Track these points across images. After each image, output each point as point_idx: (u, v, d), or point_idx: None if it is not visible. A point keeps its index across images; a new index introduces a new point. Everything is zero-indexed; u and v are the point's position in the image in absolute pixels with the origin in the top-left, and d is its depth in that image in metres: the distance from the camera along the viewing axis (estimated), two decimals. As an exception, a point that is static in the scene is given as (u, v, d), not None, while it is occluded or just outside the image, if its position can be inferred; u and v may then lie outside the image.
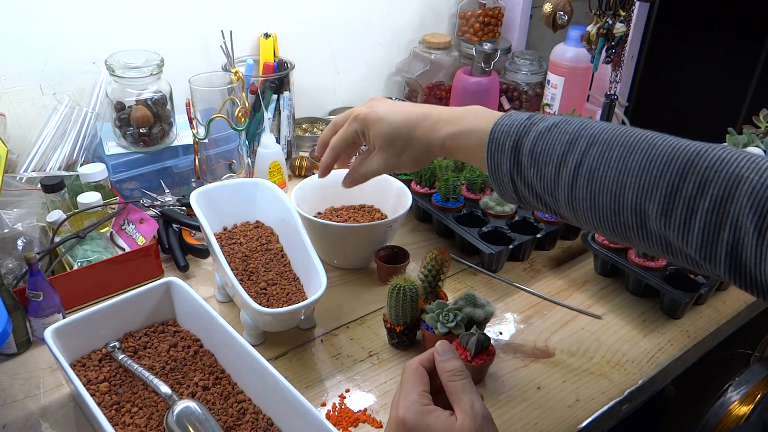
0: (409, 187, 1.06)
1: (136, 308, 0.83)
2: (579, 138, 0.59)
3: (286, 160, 1.25)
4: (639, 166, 0.55)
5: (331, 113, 1.53)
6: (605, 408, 0.79)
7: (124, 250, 0.97)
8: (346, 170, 0.81)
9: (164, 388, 0.73)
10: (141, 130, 1.08)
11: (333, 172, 0.82)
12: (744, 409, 0.99)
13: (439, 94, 1.58)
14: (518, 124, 0.63)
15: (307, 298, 0.86)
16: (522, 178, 0.63)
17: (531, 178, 0.62)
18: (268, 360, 0.71)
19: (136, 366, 0.77)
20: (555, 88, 1.46)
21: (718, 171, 0.50)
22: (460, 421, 0.54)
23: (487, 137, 0.64)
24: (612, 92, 1.38)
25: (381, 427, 0.75)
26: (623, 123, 1.53)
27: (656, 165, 0.54)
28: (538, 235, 1.03)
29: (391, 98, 0.78)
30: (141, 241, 0.96)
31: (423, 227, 1.14)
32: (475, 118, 0.68)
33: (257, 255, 0.93)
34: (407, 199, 1.00)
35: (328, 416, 0.76)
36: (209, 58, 1.27)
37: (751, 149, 1.12)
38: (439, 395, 0.58)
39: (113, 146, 1.10)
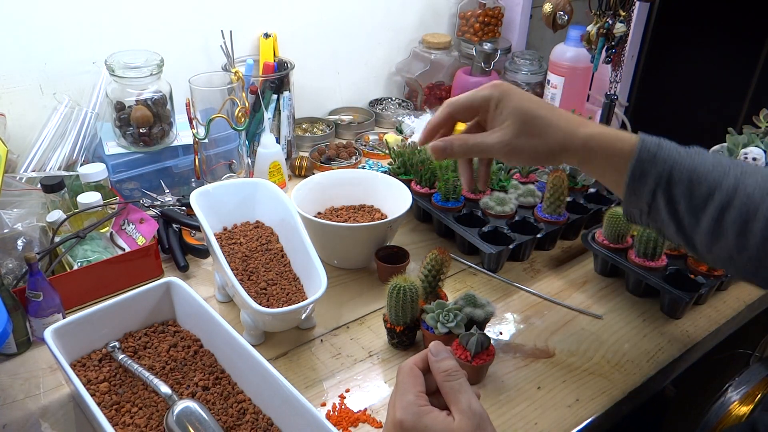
0: (409, 187, 1.06)
1: (136, 308, 0.83)
2: (731, 166, 0.63)
3: (286, 160, 1.25)
4: None
5: (331, 113, 1.53)
6: (605, 408, 0.79)
7: (124, 250, 0.97)
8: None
9: (164, 388, 0.73)
10: (141, 130, 1.08)
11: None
12: (744, 409, 0.99)
13: (439, 94, 1.58)
14: (664, 140, 0.65)
15: (307, 298, 0.86)
16: (667, 192, 0.64)
17: (678, 194, 0.63)
18: (268, 360, 0.71)
19: (136, 366, 0.77)
20: (555, 88, 1.46)
21: None
22: (457, 421, 0.54)
23: (636, 143, 0.64)
24: (612, 92, 1.38)
25: (381, 427, 0.75)
26: (623, 123, 1.53)
27: None
28: (538, 235, 1.03)
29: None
30: (141, 241, 0.96)
31: (423, 227, 1.14)
32: (610, 128, 0.68)
33: (257, 255, 0.93)
34: (407, 199, 1.00)
35: (328, 416, 0.76)
36: (209, 58, 1.27)
37: (751, 149, 1.12)
38: (434, 395, 0.57)
39: (113, 146, 1.10)
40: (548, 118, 0.68)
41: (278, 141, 1.25)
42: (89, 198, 0.98)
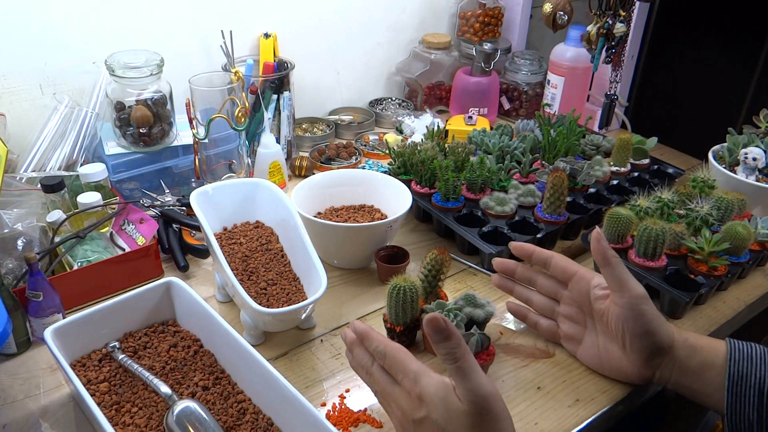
0: (409, 187, 1.06)
1: (136, 308, 0.83)
2: None
3: (286, 160, 1.25)
4: None
5: (331, 113, 1.53)
6: (605, 408, 0.78)
7: (124, 250, 0.97)
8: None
9: (164, 388, 0.73)
10: (141, 130, 1.08)
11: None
12: (744, 410, 0.99)
13: (439, 94, 1.58)
14: (757, 351, 0.64)
15: (307, 298, 0.86)
16: None
17: None
18: (268, 360, 0.71)
19: (136, 366, 0.77)
20: (555, 88, 1.46)
21: None
22: (464, 404, 0.57)
23: (726, 346, 0.65)
24: (612, 92, 1.38)
25: (381, 427, 0.75)
26: (623, 123, 1.53)
27: None
28: (538, 235, 1.03)
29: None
30: (141, 241, 0.96)
31: (423, 227, 1.14)
32: (697, 337, 0.70)
33: (257, 255, 0.93)
34: (407, 199, 1.00)
35: (328, 416, 0.76)
36: (209, 58, 1.27)
37: (751, 149, 1.12)
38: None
39: (113, 146, 1.10)
40: (654, 315, 0.71)
41: (278, 141, 1.25)
42: (89, 198, 0.98)
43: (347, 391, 0.79)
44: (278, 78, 1.27)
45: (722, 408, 0.65)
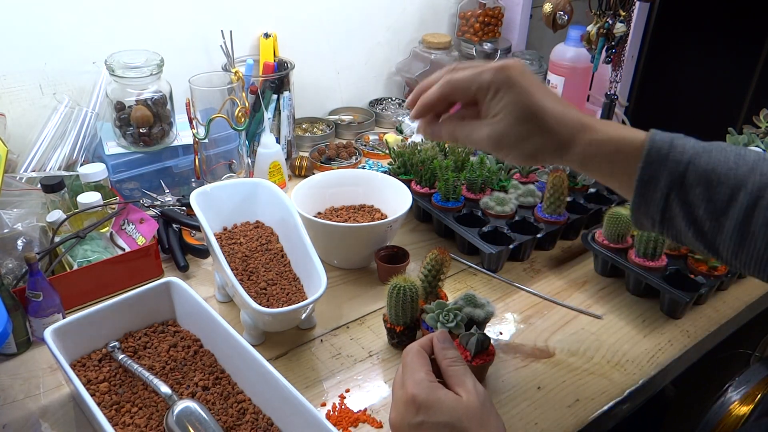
0: (409, 187, 1.06)
1: (136, 308, 0.83)
2: (757, 161, 0.56)
3: (286, 160, 1.25)
4: None
5: (331, 113, 1.53)
6: (605, 408, 0.79)
7: (124, 250, 0.97)
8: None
9: (164, 388, 0.73)
10: (141, 130, 1.08)
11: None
12: (744, 409, 0.99)
13: (439, 94, 1.57)
14: (677, 137, 0.58)
15: (307, 298, 0.86)
16: (681, 197, 0.57)
17: (695, 197, 0.57)
18: (268, 360, 0.71)
19: (136, 366, 0.77)
20: (555, 88, 1.46)
21: None
22: (465, 397, 0.58)
23: (645, 145, 0.58)
24: (612, 92, 1.38)
25: (381, 427, 0.75)
26: (623, 123, 1.53)
27: None
28: (538, 235, 1.03)
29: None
30: (141, 241, 0.96)
31: (423, 227, 1.14)
32: (618, 127, 0.62)
33: (257, 255, 0.93)
34: (407, 199, 1.00)
35: (328, 416, 0.76)
36: (209, 58, 1.27)
37: (751, 149, 1.12)
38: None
39: (113, 146, 1.10)
40: (547, 119, 0.61)
41: (278, 141, 1.25)
42: (89, 198, 0.98)
43: (347, 391, 0.79)
44: (278, 78, 1.27)
45: (628, 198, 0.61)
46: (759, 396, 0.96)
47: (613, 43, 1.28)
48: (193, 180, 1.15)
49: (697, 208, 0.57)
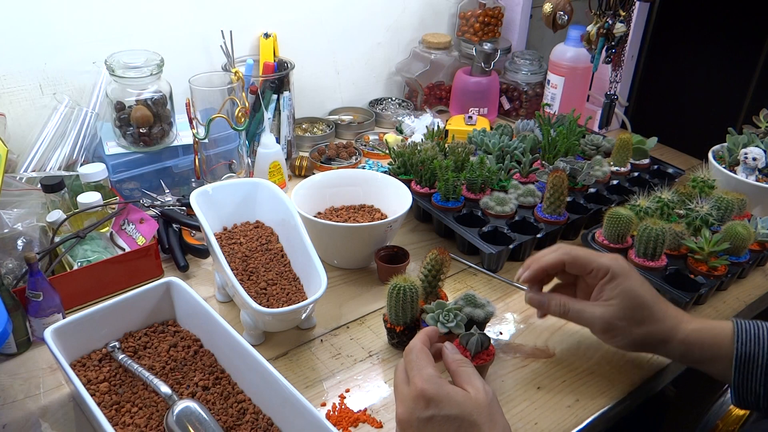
0: (409, 187, 1.06)
1: (136, 308, 0.83)
2: None
3: (286, 160, 1.25)
4: None
5: (331, 113, 1.53)
6: (605, 408, 0.78)
7: (124, 250, 0.97)
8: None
9: (164, 388, 0.73)
10: (141, 130, 1.08)
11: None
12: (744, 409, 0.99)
13: (439, 94, 1.58)
14: (757, 321, 0.66)
15: (307, 298, 0.86)
16: None
17: None
18: (268, 360, 0.71)
19: (136, 366, 0.77)
20: (555, 88, 1.46)
21: None
22: (474, 393, 0.59)
23: (734, 326, 0.66)
24: (612, 92, 1.38)
25: (381, 427, 0.75)
26: (623, 123, 1.53)
27: None
28: (538, 235, 1.03)
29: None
30: (141, 241, 0.96)
31: (423, 227, 1.14)
32: (705, 319, 0.70)
33: (257, 255, 0.93)
34: (407, 199, 1.00)
35: (328, 416, 0.76)
36: (209, 58, 1.27)
37: (751, 149, 1.12)
38: None
39: (113, 146, 1.10)
40: (656, 311, 0.69)
41: (278, 141, 1.25)
42: (89, 198, 0.98)
43: (347, 391, 0.79)
44: (278, 78, 1.27)
45: (729, 380, 0.67)
46: (759, 396, 0.96)
47: (613, 43, 1.28)
48: (193, 180, 1.15)
49: None
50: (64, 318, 0.84)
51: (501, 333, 0.90)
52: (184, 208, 1.06)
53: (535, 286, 0.79)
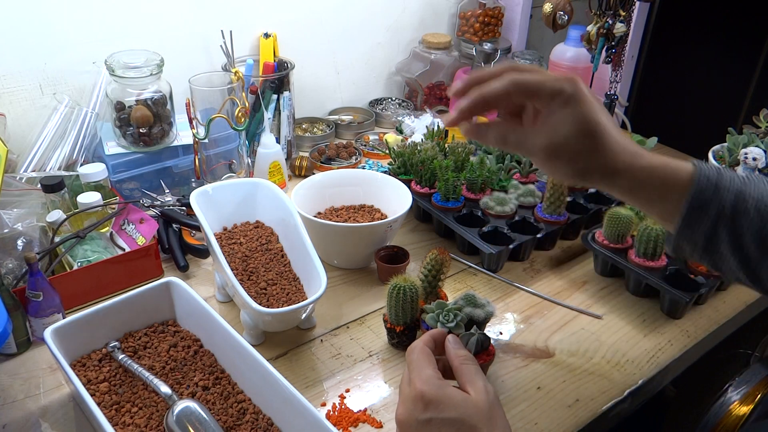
0: (409, 187, 1.06)
1: (136, 308, 0.83)
2: None
3: (286, 160, 1.25)
4: None
5: (331, 113, 1.53)
6: (605, 408, 0.79)
7: (124, 250, 0.97)
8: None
9: (164, 388, 0.73)
10: (141, 130, 1.08)
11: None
12: (744, 409, 0.99)
13: (439, 94, 1.58)
14: (724, 169, 0.60)
15: (307, 298, 0.86)
16: (730, 225, 0.59)
17: (743, 226, 0.58)
18: (268, 360, 0.71)
19: (136, 366, 0.77)
20: (555, 88, 1.45)
21: None
22: (474, 395, 0.58)
23: (695, 173, 0.59)
24: (612, 92, 1.38)
25: (381, 427, 0.75)
26: (623, 123, 1.53)
27: None
28: (538, 235, 1.03)
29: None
30: (141, 241, 0.96)
31: (423, 227, 1.14)
32: (665, 157, 0.62)
33: (257, 255, 0.93)
34: (407, 199, 1.00)
35: (328, 416, 0.76)
36: (209, 58, 1.27)
37: (751, 149, 1.12)
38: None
39: (113, 146, 1.10)
40: (607, 139, 0.60)
41: (278, 141, 1.25)
42: (89, 198, 0.98)
43: (347, 391, 0.79)
44: (278, 78, 1.27)
45: (670, 224, 0.62)
46: (759, 396, 0.96)
47: (613, 43, 1.28)
48: (193, 180, 1.15)
49: (744, 236, 0.58)
50: (64, 318, 0.84)
51: (501, 333, 0.90)
52: (184, 208, 1.06)
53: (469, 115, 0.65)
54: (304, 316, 0.85)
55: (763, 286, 0.61)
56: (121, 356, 0.78)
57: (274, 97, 1.27)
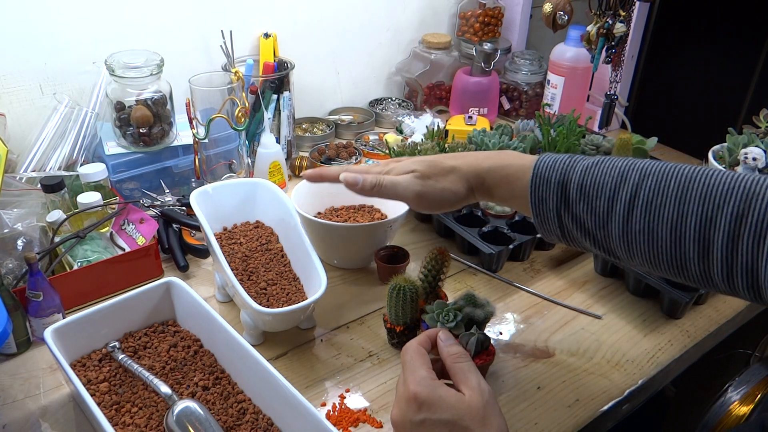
0: (409, 187, 1.06)
1: (136, 308, 0.83)
2: (630, 171, 0.60)
3: (286, 160, 1.25)
4: (700, 195, 0.55)
5: (331, 113, 1.53)
6: (605, 408, 0.79)
7: (124, 250, 0.97)
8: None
9: (164, 388, 0.73)
10: (141, 130, 1.08)
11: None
12: (744, 409, 0.99)
13: (439, 94, 1.58)
14: (562, 160, 0.64)
15: (307, 298, 0.86)
16: (570, 212, 0.63)
17: (580, 212, 0.62)
18: (268, 360, 0.71)
19: (136, 366, 0.77)
20: (555, 88, 1.46)
21: None
22: (468, 395, 0.58)
23: (530, 172, 0.64)
24: (612, 92, 1.38)
25: (381, 427, 0.75)
26: (623, 123, 1.53)
27: (718, 193, 0.54)
28: (538, 235, 1.03)
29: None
30: (141, 241, 0.96)
31: (423, 227, 1.14)
32: (515, 156, 0.68)
33: (257, 255, 0.93)
34: (407, 199, 1.00)
35: (328, 416, 0.76)
36: (209, 58, 1.27)
37: (751, 149, 1.12)
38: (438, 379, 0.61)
39: (113, 146, 1.10)
40: (452, 158, 0.70)
41: (278, 141, 1.25)
42: (89, 198, 0.98)
43: (347, 391, 0.80)
44: (278, 78, 1.27)
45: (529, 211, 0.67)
46: (759, 396, 0.96)
47: (613, 43, 1.28)
48: (193, 180, 1.15)
49: (585, 220, 0.62)
50: (64, 318, 0.84)
51: (501, 333, 0.90)
52: (184, 208, 1.06)
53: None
54: (304, 316, 0.85)
55: (624, 261, 0.64)
56: (121, 356, 0.78)
57: (274, 97, 1.27)
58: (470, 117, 1.42)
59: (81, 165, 1.08)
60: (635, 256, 0.60)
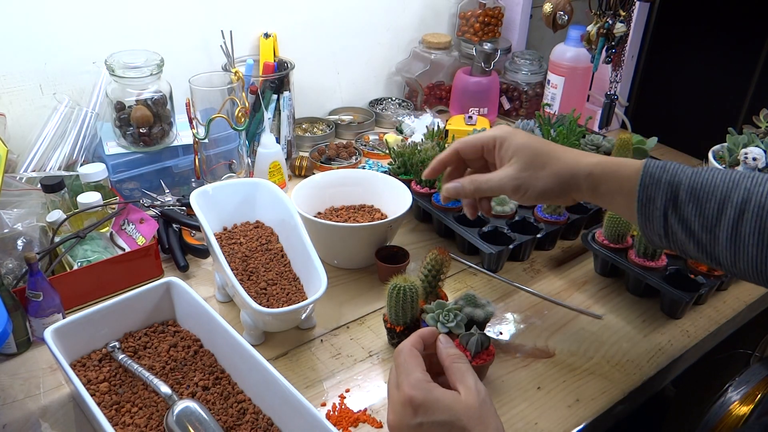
0: (409, 187, 1.06)
1: (136, 308, 0.83)
2: (742, 177, 0.62)
3: (286, 160, 1.25)
4: None
5: (331, 113, 1.53)
6: (605, 408, 0.79)
7: (124, 250, 0.97)
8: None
9: (164, 388, 0.73)
10: (141, 130, 1.08)
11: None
12: (744, 409, 0.99)
13: (439, 94, 1.58)
14: (671, 163, 0.65)
15: (307, 298, 0.86)
16: (677, 214, 0.64)
17: (688, 214, 0.63)
18: (268, 360, 0.71)
19: (136, 366, 0.77)
20: (555, 88, 1.46)
21: None
22: (464, 394, 0.58)
23: (641, 170, 0.66)
24: (612, 92, 1.38)
25: (381, 427, 0.75)
26: (623, 123, 1.53)
27: None
28: (538, 235, 1.03)
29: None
30: (141, 241, 0.96)
31: (423, 227, 1.14)
32: (617, 158, 0.69)
33: (257, 255, 0.93)
34: (407, 199, 1.00)
35: (328, 416, 0.76)
36: (209, 58, 1.27)
37: (751, 149, 1.12)
38: (433, 380, 0.61)
39: (113, 146, 1.10)
40: (552, 151, 0.71)
41: (278, 141, 1.25)
42: (89, 198, 0.98)
43: (347, 391, 0.80)
44: (278, 78, 1.27)
45: (634, 218, 0.68)
46: (759, 396, 0.96)
47: (613, 43, 1.28)
48: (193, 180, 1.15)
49: (692, 223, 0.63)
50: (64, 318, 0.84)
51: (501, 333, 0.90)
52: (184, 208, 1.06)
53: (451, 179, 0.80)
54: (304, 316, 0.85)
55: (725, 268, 0.65)
56: (121, 356, 0.78)
57: (274, 97, 1.27)
58: (470, 117, 1.42)
59: (81, 165, 1.08)
60: (740, 261, 0.62)
